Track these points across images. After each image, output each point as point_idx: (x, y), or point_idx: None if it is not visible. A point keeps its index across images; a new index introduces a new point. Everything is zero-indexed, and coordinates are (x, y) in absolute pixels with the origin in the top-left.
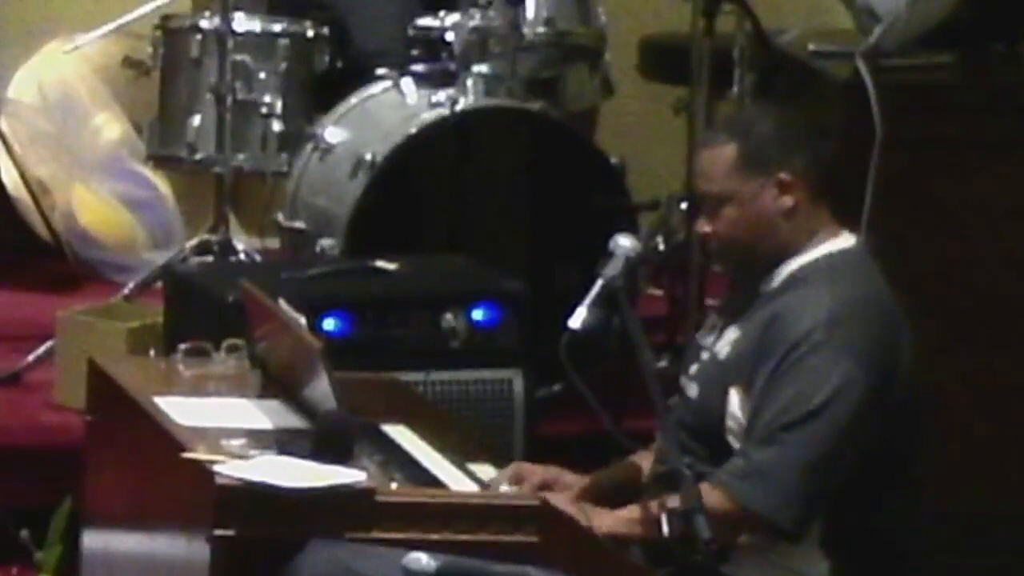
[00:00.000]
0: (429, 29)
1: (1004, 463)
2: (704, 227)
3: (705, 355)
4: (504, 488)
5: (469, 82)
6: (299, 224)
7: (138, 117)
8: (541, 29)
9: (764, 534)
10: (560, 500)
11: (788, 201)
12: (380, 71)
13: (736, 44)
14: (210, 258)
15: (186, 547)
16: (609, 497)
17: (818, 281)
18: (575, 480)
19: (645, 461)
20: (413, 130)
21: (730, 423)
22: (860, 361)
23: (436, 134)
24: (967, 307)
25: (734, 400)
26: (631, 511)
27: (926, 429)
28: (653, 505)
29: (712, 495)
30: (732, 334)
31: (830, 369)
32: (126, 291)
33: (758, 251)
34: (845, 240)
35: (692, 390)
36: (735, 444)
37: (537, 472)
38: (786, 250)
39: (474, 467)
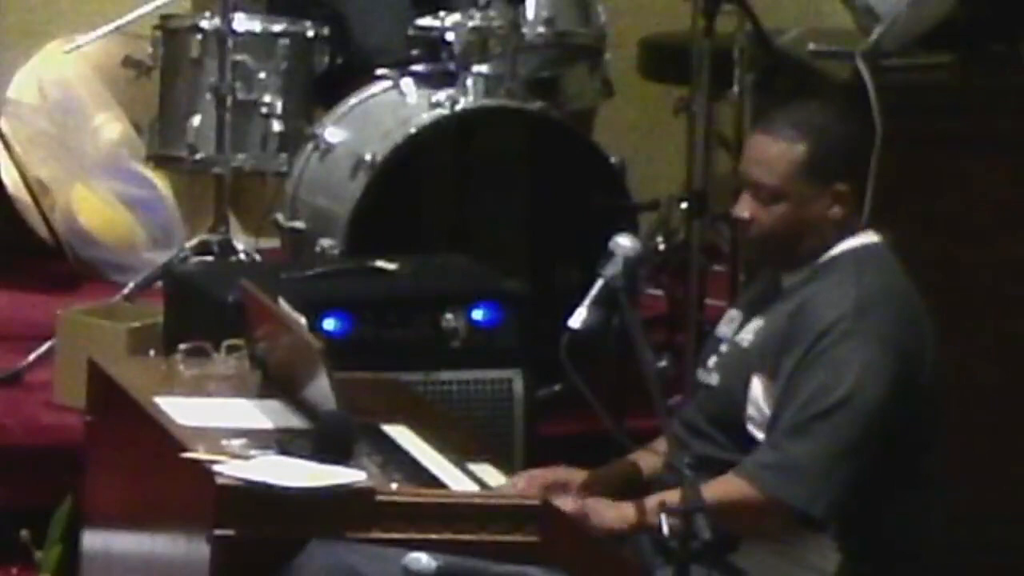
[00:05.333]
0: (429, 29)
1: (1004, 460)
2: (744, 212)
3: (724, 347)
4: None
5: (469, 82)
6: (299, 224)
7: (138, 117)
8: (541, 29)
9: (793, 524)
10: (564, 500)
11: (839, 211)
12: (380, 71)
13: (736, 44)
14: (210, 258)
15: (186, 547)
16: (607, 495)
17: (843, 272)
18: (581, 474)
19: (644, 460)
20: (413, 130)
21: (751, 411)
22: (886, 349)
23: (436, 134)
24: (968, 307)
25: (756, 388)
26: (637, 506)
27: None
28: (657, 500)
29: (741, 486)
30: (755, 324)
31: (857, 357)
32: (126, 291)
33: (796, 249)
34: (868, 236)
35: (712, 378)
36: (755, 432)
37: (546, 476)
38: (821, 248)
39: (474, 467)
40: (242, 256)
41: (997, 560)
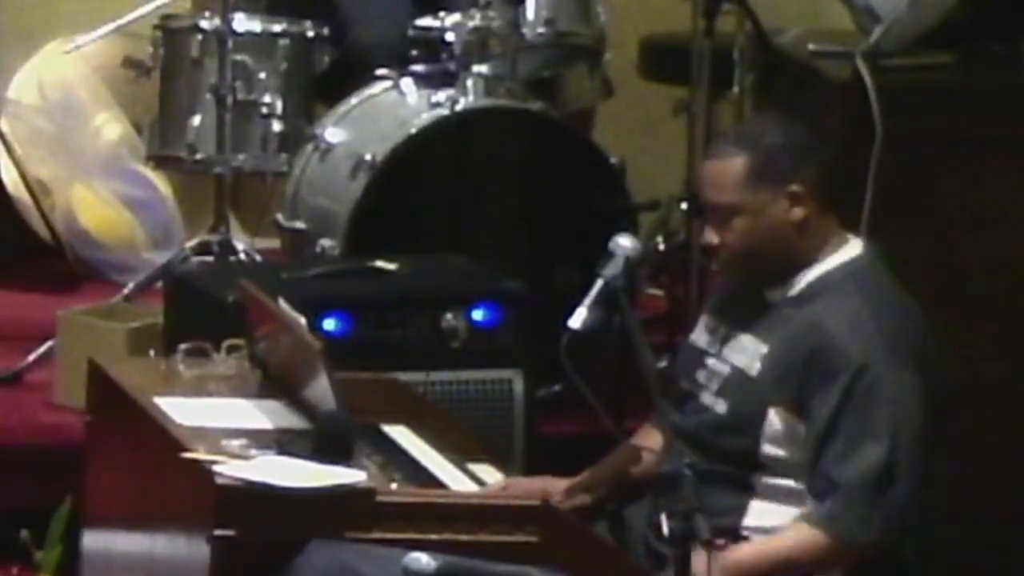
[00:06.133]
0: (429, 29)
1: (1006, 459)
2: (712, 238)
3: (720, 366)
4: None
5: (469, 82)
6: (299, 224)
7: (138, 117)
8: (541, 29)
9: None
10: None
11: (799, 213)
12: (380, 71)
13: (736, 44)
14: (210, 258)
15: (186, 547)
16: (611, 487)
17: (843, 292)
18: (564, 484)
19: (644, 439)
20: (413, 130)
21: (767, 447)
22: (915, 369)
23: (436, 134)
24: (967, 307)
25: (774, 420)
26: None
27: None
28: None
29: (816, 537)
30: (755, 347)
31: (895, 388)
32: (126, 291)
33: (769, 262)
34: (854, 247)
35: (720, 406)
36: (767, 464)
37: (525, 485)
38: (798, 261)
39: (474, 467)
40: (242, 256)
41: (997, 560)
